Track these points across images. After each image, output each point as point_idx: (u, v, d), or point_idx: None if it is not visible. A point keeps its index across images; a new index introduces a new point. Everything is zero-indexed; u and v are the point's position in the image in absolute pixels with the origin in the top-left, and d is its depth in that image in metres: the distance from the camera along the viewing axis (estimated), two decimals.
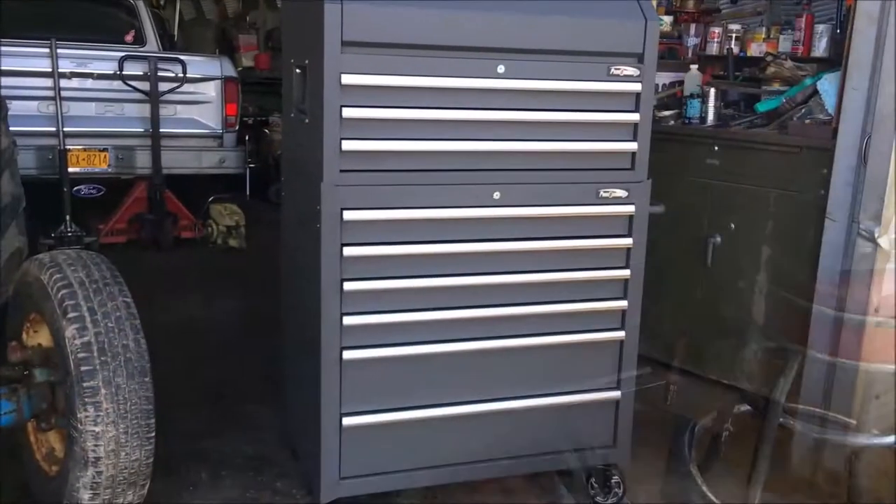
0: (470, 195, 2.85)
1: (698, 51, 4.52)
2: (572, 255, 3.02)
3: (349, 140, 2.68)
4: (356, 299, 2.79)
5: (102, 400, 2.47)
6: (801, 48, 4.02)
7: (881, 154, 3.17)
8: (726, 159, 3.77)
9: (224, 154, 7.12)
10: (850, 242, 3.29)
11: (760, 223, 3.65)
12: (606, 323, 3.12)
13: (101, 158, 6.64)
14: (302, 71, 2.91)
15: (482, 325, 2.96)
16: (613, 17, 2.88)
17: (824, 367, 3.40)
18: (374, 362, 2.86)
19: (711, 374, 3.93)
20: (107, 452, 2.50)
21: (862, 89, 3.21)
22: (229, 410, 3.99)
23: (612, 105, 2.95)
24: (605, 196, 2.99)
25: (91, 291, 2.58)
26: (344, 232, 2.73)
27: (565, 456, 3.18)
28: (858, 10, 3.20)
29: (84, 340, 2.48)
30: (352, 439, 2.88)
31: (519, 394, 3.06)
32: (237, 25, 12.55)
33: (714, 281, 3.85)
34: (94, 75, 6.58)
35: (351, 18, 2.59)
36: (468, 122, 2.81)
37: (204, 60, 7.21)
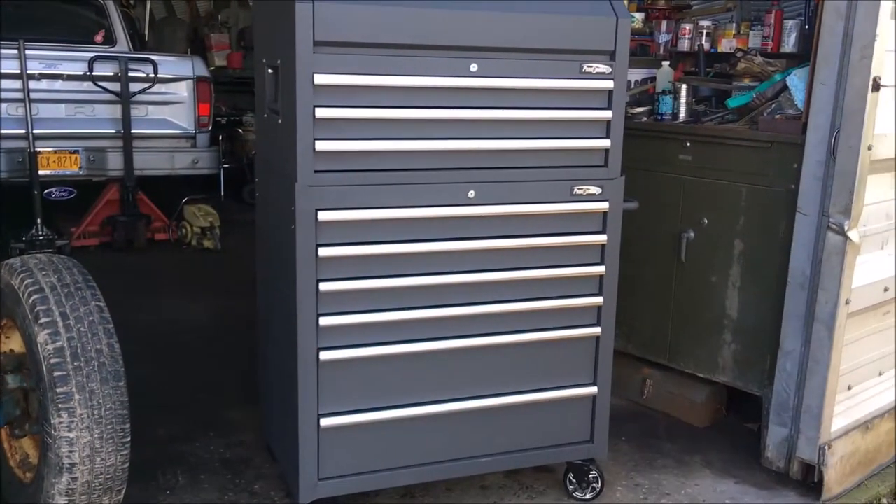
0: (445, 194, 2.85)
1: (670, 47, 4.55)
2: (547, 252, 3.04)
3: (323, 140, 2.67)
4: (332, 300, 2.79)
5: (76, 405, 2.45)
6: (771, 44, 4.05)
7: (850, 148, 3.21)
8: (698, 155, 3.80)
9: (197, 154, 7.07)
10: (820, 235, 3.33)
11: (733, 217, 3.68)
12: (582, 319, 3.14)
13: (72, 160, 6.57)
14: (274, 71, 2.90)
15: (459, 323, 2.96)
16: (585, 14, 2.90)
17: (797, 359, 3.44)
18: (351, 362, 2.86)
19: (687, 367, 3.96)
20: (81, 458, 2.48)
21: (830, 84, 3.25)
22: (206, 413, 3.97)
23: (584, 102, 2.97)
24: (578, 193, 3.01)
25: (63, 296, 2.55)
26: (319, 232, 2.73)
27: (543, 452, 3.20)
28: (826, 5, 3.24)
29: (56, 346, 2.46)
30: (330, 440, 2.87)
31: (496, 391, 3.07)
32: (209, 24, 12.46)
33: (688, 275, 3.88)
34: (63, 76, 6.50)
35: (323, 18, 2.58)
36: (442, 120, 2.82)
37: (175, 60, 7.15)
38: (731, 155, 3.69)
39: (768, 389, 3.60)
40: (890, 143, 3.40)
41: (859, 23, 3.14)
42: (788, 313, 3.47)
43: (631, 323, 4.08)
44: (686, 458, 3.73)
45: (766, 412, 3.60)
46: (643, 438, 3.89)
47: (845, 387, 3.57)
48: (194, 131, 7.05)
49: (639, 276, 3.98)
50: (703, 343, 3.87)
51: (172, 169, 6.99)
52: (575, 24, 2.88)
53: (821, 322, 3.35)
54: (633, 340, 4.15)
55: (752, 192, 3.62)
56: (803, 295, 3.40)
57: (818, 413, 3.38)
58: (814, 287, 3.36)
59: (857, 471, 3.59)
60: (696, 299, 3.87)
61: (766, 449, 3.60)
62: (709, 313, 3.83)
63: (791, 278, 3.45)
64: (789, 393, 3.47)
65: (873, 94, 3.16)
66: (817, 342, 3.37)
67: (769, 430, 3.58)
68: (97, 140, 6.68)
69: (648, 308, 4.05)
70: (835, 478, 3.43)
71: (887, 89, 3.25)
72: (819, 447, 3.39)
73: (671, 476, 3.57)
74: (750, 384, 3.74)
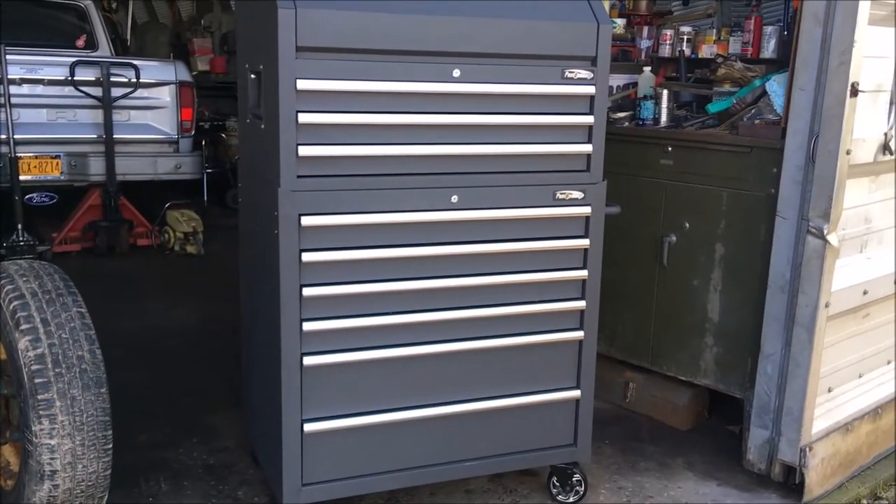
0: (428, 199, 2.86)
1: (651, 53, 4.58)
2: (530, 256, 3.05)
3: (306, 145, 2.67)
4: (316, 305, 2.79)
5: (57, 412, 2.44)
6: (751, 50, 4.10)
7: (828, 153, 3.24)
8: (679, 159, 3.83)
9: (180, 159, 7.05)
10: (800, 239, 3.36)
11: (714, 222, 3.71)
12: (565, 323, 3.16)
13: (53, 166, 6.53)
14: (257, 76, 2.90)
15: (443, 327, 2.97)
16: (566, 20, 2.92)
17: (778, 361, 3.47)
18: (334, 367, 2.86)
19: (669, 370, 3.99)
20: (63, 465, 2.47)
21: (809, 90, 3.28)
22: (190, 419, 3.95)
23: (566, 108, 2.99)
24: (561, 198, 3.02)
25: (44, 302, 2.54)
26: (302, 237, 2.73)
27: (527, 456, 3.21)
28: (805, 11, 3.27)
29: (37, 352, 2.45)
30: (313, 445, 2.87)
31: (480, 395, 3.08)
32: (191, 29, 12.41)
33: (670, 279, 3.91)
34: (44, 81, 6.47)
35: (305, 23, 2.59)
36: (425, 125, 2.83)
37: (158, 65, 7.13)
38: (712, 160, 3.72)
39: (749, 392, 3.63)
40: (868, 147, 3.44)
41: (837, 29, 3.17)
42: (769, 316, 3.50)
43: (614, 326, 4.10)
44: (669, 460, 3.75)
45: (748, 415, 3.63)
46: (626, 441, 3.91)
47: (825, 389, 3.60)
48: (177, 136, 7.03)
49: (621, 279, 4.01)
50: (685, 346, 3.90)
51: (155, 174, 6.97)
52: (557, 30, 2.90)
53: (801, 325, 3.38)
54: (616, 344, 4.17)
55: (732, 196, 3.66)
56: (783, 298, 3.44)
57: (799, 415, 3.41)
58: (794, 290, 3.39)
59: (838, 472, 3.62)
60: (678, 303, 3.90)
61: (748, 451, 3.63)
62: (690, 317, 3.85)
63: (771, 282, 3.48)
64: (770, 395, 3.50)
65: (851, 99, 3.19)
66: (798, 345, 3.40)
67: (751, 432, 3.61)
68: (79, 145, 6.65)
69: (631, 312, 4.07)
70: (816, 479, 3.46)
71: (865, 94, 3.29)
72: (800, 449, 3.42)
73: (654, 479, 3.59)
74: (731, 387, 3.76)
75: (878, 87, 3.41)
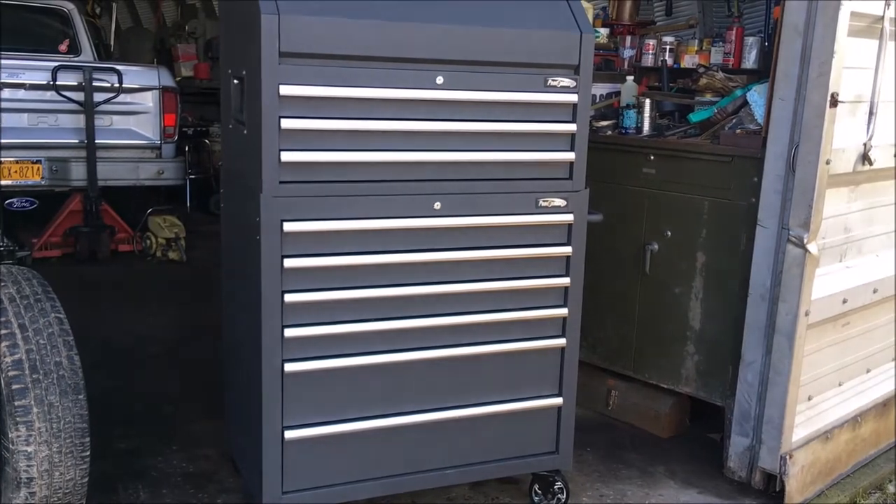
0: (411, 205, 2.86)
1: (634, 62, 4.61)
2: (513, 263, 3.05)
3: (288, 151, 2.67)
4: (297, 311, 2.78)
5: (34, 419, 2.41)
6: (732, 60, 4.13)
7: (808, 163, 3.27)
8: (662, 168, 3.86)
9: (162, 165, 7.02)
10: (780, 248, 3.39)
11: (695, 230, 3.74)
12: (548, 330, 3.16)
13: (33, 170, 6.48)
14: (240, 81, 2.89)
15: (425, 334, 2.97)
16: (549, 29, 2.93)
17: (758, 369, 3.49)
18: (316, 374, 2.84)
19: (651, 378, 4.00)
20: (40, 473, 2.44)
21: (789, 100, 3.31)
22: (169, 426, 3.92)
23: (549, 115, 3.00)
24: (544, 205, 3.03)
25: (22, 308, 2.52)
26: (284, 243, 2.72)
27: (509, 463, 3.21)
28: (785, 22, 3.31)
29: (15, 358, 2.42)
30: (294, 453, 2.85)
31: (462, 402, 3.07)
32: (176, 35, 12.39)
33: (652, 287, 3.92)
34: (26, 86, 6.43)
35: (288, 30, 2.59)
36: (408, 132, 2.83)
37: (141, 70, 7.10)
38: (694, 169, 3.75)
39: (730, 400, 3.64)
40: (848, 157, 3.47)
41: (817, 40, 3.21)
42: (750, 325, 3.52)
43: (596, 334, 4.11)
44: (650, 468, 3.76)
45: (729, 422, 3.64)
46: (608, 449, 3.91)
47: (806, 397, 3.62)
48: (160, 142, 7.00)
49: (604, 287, 4.02)
50: (667, 354, 3.91)
51: (137, 180, 6.93)
52: (540, 39, 2.91)
53: (781, 333, 3.40)
54: (598, 352, 4.18)
55: (714, 205, 3.68)
56: (764, 306, 3.46)
57: (779, 423, 3.43)
58: (774, 299, 3.42)
59: (818, 480, 3.64)
60: (660, 311, 3.91)
61: (729, 459, 3.64)
62: (672, 325, 3.87)
63: (752, 290, 3.50)
64: (751, 403, 3.52)
65: (831, 109, 3.23)
66: (778, 353, 3.42)
67: (731, 440, 3.62)
68: (60, 150, 6.61)
69: (613, 319, 4.09)
70: (796, 487, 3.48)
71: (845, 105, 3.32)
72: (780, 457, 3.43)
73: (635, 487, 3.60)
74: (713, 395, 3.78)
75: (857, 98, 3.45)
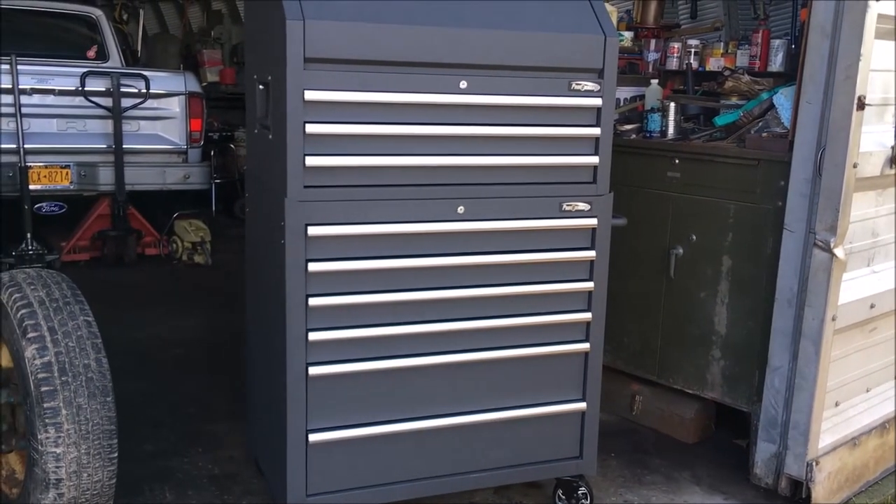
0: (434, 210, 2.87)
1: (658, 66, 4.60)
2: (537, 268, 3.05)
3: (313, 156, 2.68)
4: (321, 315, 2.79)
5: (63, 421, 2.44)
6: (758, 63, 4.10)
7: (835, 166, 3.24)
8: (686, 172, 3.83)
9: (189, 170, 7.08)
10: (807, 252, 3.35)
11: (721, 234, 3.71)
12: (571, 335, 3.15)
13: (62, 175, 6.57)
14: (265, 87, 2.91)
15: (448, 338, 2.97)
16: (573, 32, 2.93)
17: (785, 375, 3.45)
18: (340, 378, 2.86)
19: (676, 383, 3.97)
20: (68, 474, 2.47)
21: (816, 103, 3.28)
22: (195, 428, 3.96)
23: (573, 119, 2.99)
24: (567, 209, 3.03)
25: (51, 311, 2.55)
26: (308, 247, 2.73)
27: (532, 468, 3.20)
28: (812, 25, 3.28)
29: (44, 360, 2.46)
30: (318, 456, 2.87)
31: (486, 407, 3.07)
32: (201, 40, 12.50)
33: (676, 291, 3.90)
34: (55, 91, 6.52)
35: (313, 35, 2.60)
36: (431, 136, 2.84)
37: (167, 76, 7.17)
38: (719, 172, 3.72)
39: (756, 406, 3.61)
40: (875, 161, 3.43)
41: (844, 43, 3.17)
42: (776, 330, 3.48)
43: (620, 339, 4.09)
44: (675, 474, 3.73)
45: (755, 428, 3.61)
46: (632, 454, 3.89)
47: (832, 403, 3.58)
48: (186, 146, 7.06)
49: (628, 291, 4.00)
50: (692, 359, 3.88)
51: (164, 184, 7.00)
52: (564, 42, 2.91)
53: (808, 338, 3.37)
54: (622, 356, 4.16)
55: (739, 209, 3.65)
56: (790, 311, 3.42)
57: (806, 429, 3.39)
58: (801, 303, 3.38)
59: (845, 487, 3.60)
60: (685, 315, 3.89)
61: (755, 465, 3.61)
62: (697, 329, 3.84)
63: (778, 295, 3.47)
64: (777, 409, 3.49)
65: (858, 112, 3.19)
66: (804, 358, 3.38)
67: (757, 446, 3.59)
68: (88, 155, 6.69)
69: (637, 324, 4.06)
70: (822, 494, 3.44)
71: (872, 108, 3.29)
72: (807, 463, 3.40)
73: (660, 492, 3.57)
74: (738, 400, 3.75)
75: (884, 101, 3.41)
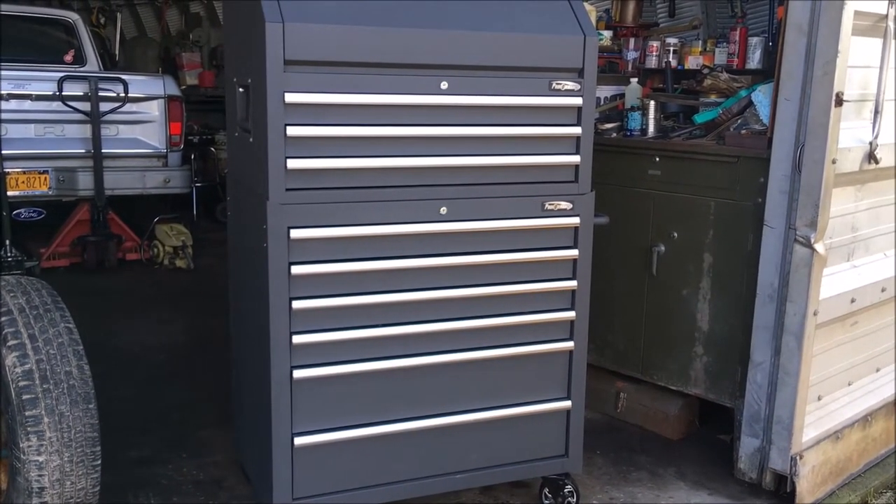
0: (417, 211, 2.87)
1: (638, 64, 4.62)
2: (520, 267, 3.06)
3: (294, 158, 2.67)
4: (305, 317, 2.78)
5: (45, 429, 2.42)
6: (737, 61, 4.14)
7: (814, 162, 3.27)
8: (667, 170, 3.85)
9: (169, 174, 7.04)
10: (787, 248, 3.38)
11: (702, 231, 3.73)
12: (555, 334, 3.16)
13: (41, 181, 6.51)
14: (245, 90, 2.90)
15: (432, 339, 2.97)
16: (553, 32, 2.94)
17: (767, 370, 3.48)
18: (324, 380, 2.85)
19: (660, 380, 3.99)
20: (51, 482, 2.45)
21: (794, 100, 3.31)
22: (180, 434, 3.93)
23: (554, 119, 3.00)
24: (550, 209, 3.03)
25: (32, 318, 2.53)
26: (291, 250, 2.72)
27: (518, 467, 3.20)
28: (788, 22, 3.30)
29: (25, 368, 2.43)
30: (304, 459, 2.86)
31: (471, 407, 3.07)
32: (180, 43, 12.43)
33: (659, 289, 3.92)
34: (32, 96, 6.46)
35: (293, 37, 2.60)
36: (413, 138, 2.83)
37: (146, 79, 7.13)
38: (699, 170, 3.74)
39: (740, 401, 3.63)
40: (854, 156, 3.47)
41: (821, 40, 3.20)
42: (758, 325, 3.51)
43: (604, 337, 4.11)
44: (660, 470, 3.75)
45: (738, 424, 3.63)
46: (618, 452, 3.91)
47: (815, 397, 3.61)
48: (166, 150, 7.02)
49: (611, 290, 4.02)
50: (675, 356, 3.91)
51: (144, 188, 6.97)
52: (543, 43, 2.92)
53: (790, 333, 3.39)
54: (607, 354, 4.18)
55: (720, 206, 3.67)
56: (772, 307, 3.45)
57: (789, 424, 3.42)
58: (782, 299, 3.41)
59: (829, 480, 3.63)
60: (668, 312, 3.91)
61: (739, 460, 3.63)
62: (680, 326, 3.86)
63: (760, 291, 3.49)
64: (760, 404, 3.51)
65: (836, 108, 3.22)
66: (787, 353, 3.41)
67: (741, 441, 3.61)
68: (67, 160, 6.64)
69: (621, 322, 4.08)
70: (807, 488, 3.47)
71: (850, 104, 3.32)
72: (791, 458, 3.42)
73: (646, 489, 3.59)
74: (722, 396, 3.77)
75: (862, 97, 3.44)
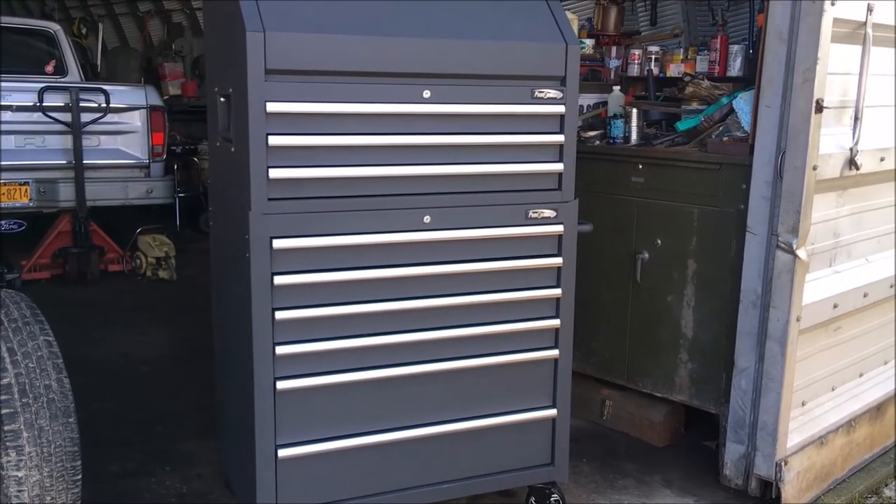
0: (400, 220, 2.86)
1: (620, 72, 4.63)
2: (504, 275, 3.05)
3: (276, 168, 2.66)
4: (288, 328, 2.76)
5: (25, 443, 2.38)
6: (718, 68, 4.16)
7: (795, 168, 3.29)
8: (650, 177, 3.87)
9: (151, 184, 7.01)
10: (770, 254, 3.40)
11: (685, 238, 3.74)
12: (540, 342, 3.15)
13: (21, 192, 6.46)
14: (226, 99, 2.88)
15: (417, 349, 2.96)
16: (535, 41, 2.94)
17: (752, 376, 3.49)
18: (308, 391, 2.83)
19: (645, 387, 4.00)
20: (31, 498, 2.41)
21: (775, 107, 3.33)
22: (163, 447, 3.89)
23: (537, 127, 3.00)
24: (533, 216, 3.03)
25: (10, 331, 2.49)
26: (274, 261, 2.71)
27: (504, 476, 3.19)
28: (769, 30, 3.33)
29: (4, 382, 2.40)
30: (288, 471, 2.83)
31: (456, 416, 3.06)
32: (162, 53, 12.37)
33: (643, 296, 3.93)
34: (12, 108, 6.41)
35: (274, 47, 2.59)
36: (396, 146, 2.83)
37: (128, 89, 7.10)
38: (682, 177, 3.76)
39: (724, 407, 3.64)
40: (834, 163, 3.49)
41: (801, 47, 3.23)
42: (741, 331, 3.52)
43: (589, 344, 4.11)
44: (646, 477, 3.75)
45: (723, 430, 3.64)
46: (604, 459, 3.90)
47: (799, 403, 3.62)
48: (148, 161, 6.99)
49: (595, 297, 4.02)
50: (660, 362, 3.91)
51: (126, 199, 6.92)
52: (526, 51, 2.92)
53: (773, 339, 3.41)
54: (592, 361, 4.18)
55: (703, 212, 3.69)
56: (755, 313, 3.46)
57: (774, 429, 3.43)
58: (765, 305, 3.42)
59: (814, 486, 3.64)
60: (652, 319, 3.92)
61: (725, 466, 3.63)
62: (664, 333, 3.87)
63: (743, 297, 3.50)
64: (745, 410, 3.52)
65: (816, 115, 3.24)
66: (771, 359, 3.42)
67: (726, 447, 3.62)
68: (48, 171, 6.59)
69: (606, 329, 4.09)
70: (792, 493, 3.47)
71: (830, 111, 3.34)
72: (776, 463, 3.43)
73: (632, 496, 3.59)
74: (706, 402, 3.78)
75: (842, 103, 3.47)
